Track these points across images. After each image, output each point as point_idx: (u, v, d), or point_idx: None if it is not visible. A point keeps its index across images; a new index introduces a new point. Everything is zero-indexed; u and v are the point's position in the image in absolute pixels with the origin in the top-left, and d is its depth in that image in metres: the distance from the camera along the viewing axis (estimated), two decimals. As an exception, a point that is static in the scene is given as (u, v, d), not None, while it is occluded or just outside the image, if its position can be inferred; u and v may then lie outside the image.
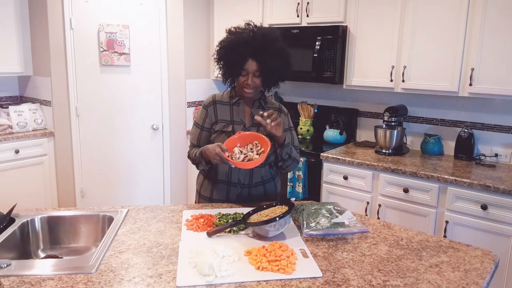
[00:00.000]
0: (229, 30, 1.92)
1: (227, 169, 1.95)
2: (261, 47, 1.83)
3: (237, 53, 1.84)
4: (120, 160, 3.75)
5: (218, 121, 1.97)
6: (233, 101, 1.98)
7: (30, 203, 3.55)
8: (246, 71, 1.85)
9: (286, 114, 2.06)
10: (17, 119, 3.56)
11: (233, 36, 1.88)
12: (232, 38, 1.88)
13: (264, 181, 2.01)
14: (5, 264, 1.33)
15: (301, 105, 3.65)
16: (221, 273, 1.28)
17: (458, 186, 2.51)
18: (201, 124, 2.01)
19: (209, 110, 1.99)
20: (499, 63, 2.57)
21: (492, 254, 1.48)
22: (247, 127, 1.95)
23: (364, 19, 3.08)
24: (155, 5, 3.64)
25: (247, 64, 1.84)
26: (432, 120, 3.20)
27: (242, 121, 1.96)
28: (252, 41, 1.83)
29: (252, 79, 1.85)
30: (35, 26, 3.65)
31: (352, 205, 2.95)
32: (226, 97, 2.01)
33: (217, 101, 2.00)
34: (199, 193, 2.09)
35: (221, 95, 2.03)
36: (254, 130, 1.94)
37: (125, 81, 3.66)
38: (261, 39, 1.84)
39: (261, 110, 1.97)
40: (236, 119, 1.96)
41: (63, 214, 1.77)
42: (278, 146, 1.88)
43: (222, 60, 1.91)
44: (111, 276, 1.29)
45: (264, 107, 2.00)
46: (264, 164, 1.96)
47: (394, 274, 1.33)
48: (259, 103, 2.00)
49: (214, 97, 2.02)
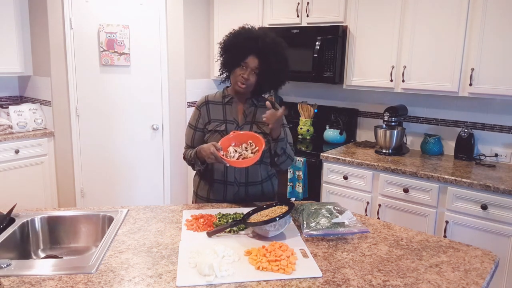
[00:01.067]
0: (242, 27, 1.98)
1: (222, 168, 1.95)
2: (268, 48, 1.88)
3: (244, 45, 1.88)
4: (120, 160, 3.75)
5: (211, 121, 1.98)
6: (226, 100, 2.01)
7: (30, 203, 3.55)
8: (246, 64, 1.88)
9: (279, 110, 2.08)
10: (17, 119, 3.56)
11: (245, 30, 1.95)
12: (243, 32, 1.93)
13: (261, 180, 2.01)
14: (5, 264, 1.32)
15: (301, 105, 3.65)
16: (221, 273, 1.28)
17: (458, 186, 2.51)
18: (194, 125, 2.03)
19: (201, 111, 2.01)
20: (499, 63, 2.57)
21: (492, 254, 1.48)
22: (240, 125, 1.97)
23: (364, 19, 3.08)
24: (155, 5, 3.65)
25: (249, 59, 1.88)
26: (432, 120, 3.20)
27: (235, 119, 1.98)
28: (262, 39, 1.88)
29: (248, 74, 1.88)
30: (35, 26, 3.65)
31: (352, 205, 2.95)
32: (219, 97, 2.03)
33: (210, 101, 2.02)
34: (196, 193, 2.09)
35: (214, 95, 2.05)
36: (247, 128, 1.96)
37: (125, 81, 3.66)
38: (270, 41, 1.90)
39: (253, 108, 2.00)
40: (229, 118, 1.98)
41: (63, 214, 1.77)
42: (274, 140, 1.89)
43: (227, 47, 1.94)
44: (111, 276, 1.29)
45: (257, 105, 2.02)
46: (260, 162, 1.97)
47: (394, 274, 1.33)
48: (251, 102, 2.01)
49: (206, 98, 2.04)
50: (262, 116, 1.82)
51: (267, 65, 1.88)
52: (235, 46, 1.90)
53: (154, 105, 3.78)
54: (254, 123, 1.98)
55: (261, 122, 1.97)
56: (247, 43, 1.88)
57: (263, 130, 1.96)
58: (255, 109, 2.01)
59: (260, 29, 1.98)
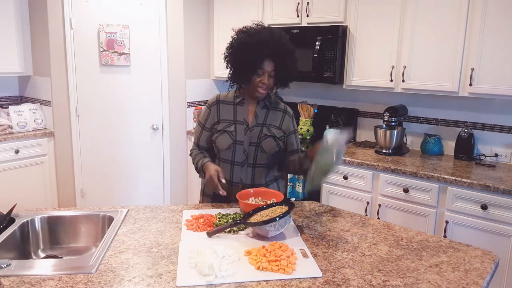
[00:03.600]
0: (240, 30, 1.92)
1: (229, 169, 1.95)
2: (279, 48, 1.85)
3: (256, 53, 1.83)
4: (120, 160, 3.75)
5: (220, 121, 1.97)
6: (237, 100, 1.99)
7: (30, 203, 3.55)
8: (263, 70, 1.86)
9: (291, 116, 2.05)
10: (17, 119, 3.56)
11: (249, 36, 1.87)
12: (249, 38, 1.86)
13: (266, 182, 2.01)
14: (5, 264, 1.33)
15: (301, 105, 3.65)
16: (221, 273, 1.28)
17: (458, 186, 2.51)
18: (203, 123, 2.03)
19: (212, 110, 2.00)
20: (499, 63, 2.57)
21: (492, 254, 1.48)
22: (250, 126, 1.95)
23: (364, 19, 3.08)
24: (155, 5, 3.64)
25: (265, 64, 1.85)
26: (432, 120, 3.19)
27: (245, 120, 1.96)
28: (271, 41, 1.84)
29: (268, 79, 1.87)
30: (35, 26, 3.65)
31: (352, 205, 2.95)
32: (231, 97, 2.01)
33: (221, 100, 2.01)
34: (203, 191, 2.09)
35: (226, 95, 2.03)
36: (257, 129, 1.94)
37: (125, 81, 3.66)
38: (278, 40, 1.86)
39: (265, 110, 1.99)
40: (239, 119, 1.96)
41: (63, 214, 1.77)
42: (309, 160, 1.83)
43: (238, 59, 1.89)
44: (111, 276, 1.29)
45: (269, 107, 2.00)
46: (266, 165, 1.98)
47: (394, 274, 1.33)
48: (264, 103, 2.00)
49: (218, 97, 2.03)
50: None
51: (283, 65, 1.87)
52: (248, 56, 1.84)
53: (154, 105, 3.78)
54: (265, 126, 1.96)
55: (272, 125, 1.96)
56: (260, 49, 1.82)
57: (272, 133, 1.95)
58: (267, 111, 1.99)
59: (265, 29, 1.91)
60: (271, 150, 1.94)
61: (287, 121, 2.01)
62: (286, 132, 2.00)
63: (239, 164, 1.93)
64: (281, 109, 2.03)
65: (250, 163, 1.94)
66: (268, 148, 1.93)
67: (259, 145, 1.93)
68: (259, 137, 1.93)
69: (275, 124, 1.98)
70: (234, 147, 1.92)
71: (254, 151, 1.93)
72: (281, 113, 2.02)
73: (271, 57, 1.85)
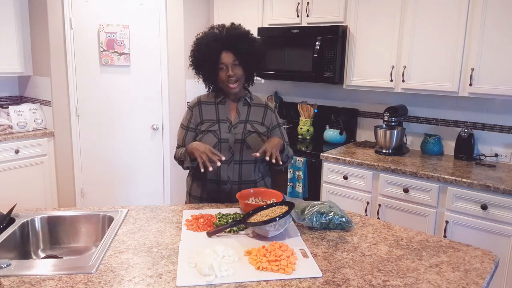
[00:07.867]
0: (196, 37, 1.97)
1: (216, 168, 1.93)
2: (231, 37, 1.88)
3: (210, 49, 1.87)
4: (120, 160, 3.75)
5: (203, 121, 1.99)
6: (218, 100, 2.00)
7: (30, 203, 3.55)
8: (223, 64, 1.89)
9: (273, 110, 2.08)
10: (17, 119, 3.56)
11: (204, 36, 1.94)
12: (204, 38, 1.93)
13: (255, 180, 2.01)
14: (5, 264, 1.32)
15: (301, 105, 3.65)
16: (221, 273, 1.28)
17: (458, 186, 2.51)
18: (186, 125, 2.04)
19: (194, 111, 2.02)
20: (499, 63, 2.57)
21: (492, 254, 1.48)
22: (233, 124, 1.97)
23: (364, 19, 3.08)
24: (155, 5, 3.65)
25: (223, 57, 1.88)
26: (432, 120, 3.20)
27: (228, 118, 1.98)
28: (221, 34, 1.90)
29: (232, 70, 1.88)
30: (35, 26, 3.65)
31: (352, 205, 2.95)
32: (211, 97, 2.03)
33: (202, 101, 2.03)
34: (189, 193, 2.09)
35: (206, 95, 2.06)
36: (241, 126, 1.96)
37: (125, 81, 3.66)
38: (229, 30, 1.91)
39: (247, 107, 2.00)
40: (222, 118, 1.98)
41: (63, 214, 1.77)
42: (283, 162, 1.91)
43: (199, 62, 1.94)
44: (111, 276, 1.29)
45: (251, 103, 2.02)
46: (254, 162, 1.98)
47: (394, 274, 1.33)
48: (245, 100, 2.01)
49: (199, 98, 2.05)
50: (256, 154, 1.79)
51: (243, 53, 1.88)
52: (205, 55, 1.89)
53: (154, 105, 3.78)
54: (248, 122, 1.98)
55: (255, 121, 1.98)
56: (212, 45, 1.87)
57: (256, 129, 1.97)
58: (248, 108, 2.01)
59: (219, 26, 1.95)
60: (256, 146, 1.94)
61: (269, 115, 2.03)
62: (269, 127, 2.02)
63: (225, 162, 1.91)
64: (262, 105, 2.05)
65: (237, 160, 1.95)
66: (253, 144, 1.94)
67: (244, 142, 1.94)
68: (243, 133, 1.95)
69: (258, 120, 2.00)
70: (219, 146, 1.93)
71: (239, 148, 1.94)
72: (263, 109, 2.04)
73: (227, 48, 1.87)
